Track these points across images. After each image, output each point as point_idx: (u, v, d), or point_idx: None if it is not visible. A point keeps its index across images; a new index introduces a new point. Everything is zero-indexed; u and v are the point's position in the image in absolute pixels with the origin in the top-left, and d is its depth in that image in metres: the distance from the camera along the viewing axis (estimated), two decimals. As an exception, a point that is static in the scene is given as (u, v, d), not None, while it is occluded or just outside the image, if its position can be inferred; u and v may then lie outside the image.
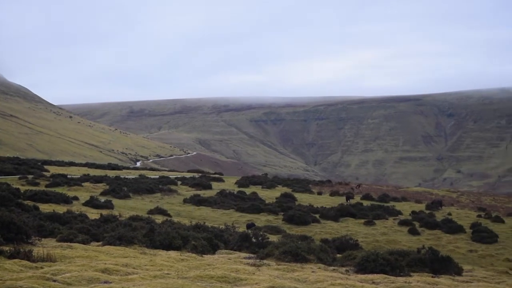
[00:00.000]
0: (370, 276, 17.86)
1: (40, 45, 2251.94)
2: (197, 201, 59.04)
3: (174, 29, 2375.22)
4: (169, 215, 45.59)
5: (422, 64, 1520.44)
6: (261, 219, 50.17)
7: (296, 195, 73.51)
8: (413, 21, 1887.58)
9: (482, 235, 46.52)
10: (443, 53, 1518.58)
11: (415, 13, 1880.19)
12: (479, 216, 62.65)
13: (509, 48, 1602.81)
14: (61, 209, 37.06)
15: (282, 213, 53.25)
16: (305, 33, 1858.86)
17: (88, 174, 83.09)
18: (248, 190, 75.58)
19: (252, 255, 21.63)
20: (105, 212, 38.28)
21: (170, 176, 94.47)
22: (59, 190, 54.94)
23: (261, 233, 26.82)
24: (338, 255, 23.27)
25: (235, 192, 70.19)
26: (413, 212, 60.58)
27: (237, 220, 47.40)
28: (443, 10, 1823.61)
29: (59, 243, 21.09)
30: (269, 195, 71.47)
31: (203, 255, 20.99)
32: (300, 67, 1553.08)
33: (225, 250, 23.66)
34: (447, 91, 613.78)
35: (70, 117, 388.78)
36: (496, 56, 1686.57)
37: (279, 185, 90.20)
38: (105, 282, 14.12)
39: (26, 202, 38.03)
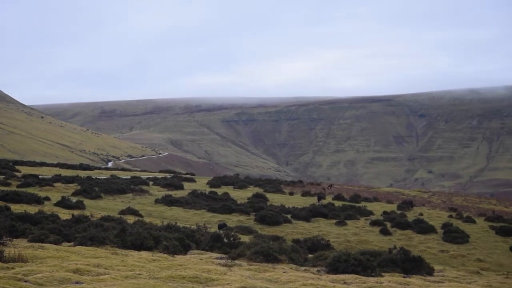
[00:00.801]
0: (342, 276, 17.95)
1: (10, 45, 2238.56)
2: (168, 201, 58.95)
3: (145, 29, 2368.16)
4: (140, 216, 45.53)
5: (392, 64, 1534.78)
6: (233, 220, 50.24)
7: (268, 195, 73.54)
8: (383, 22, 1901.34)
9: (453, 235, 46.79)
10: (413, 54, 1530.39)
11: (384, 13, 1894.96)
12: (450, 216, 63.01)
13: (478, 49, 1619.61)
14: (32, 209, 36.77)
15: (254, 213, 53.27)
16: (276, 34, 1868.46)
17: (60, 175, 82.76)
18: (219, 191, 75.56)
19: (223, 256, 21.68)
20: (76, 212, 38.06)
21: (141, 177, 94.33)
22: (30, 190, 54.69)
23: (233, 233, 26.87)
24: (310, 256, 23.39)
25: (207, 193, 70.14)
26: (385, 213, 60.89)
27: (209, 221, 47.30)
28: (413, 10, 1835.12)
29: (31, 244, 20.99)
30: (241, 196, 71.44)
31: (175, 256, 21.00)
32: (271, 68, 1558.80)
33: (197, 251, 23.67)
34: (418, 92, 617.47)
35: (42, 117, 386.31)
36: (466, 57, 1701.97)
37: (250, 186, 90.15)
38: (77, 282, 14.08)
39: (-4, 202, 37.78)
